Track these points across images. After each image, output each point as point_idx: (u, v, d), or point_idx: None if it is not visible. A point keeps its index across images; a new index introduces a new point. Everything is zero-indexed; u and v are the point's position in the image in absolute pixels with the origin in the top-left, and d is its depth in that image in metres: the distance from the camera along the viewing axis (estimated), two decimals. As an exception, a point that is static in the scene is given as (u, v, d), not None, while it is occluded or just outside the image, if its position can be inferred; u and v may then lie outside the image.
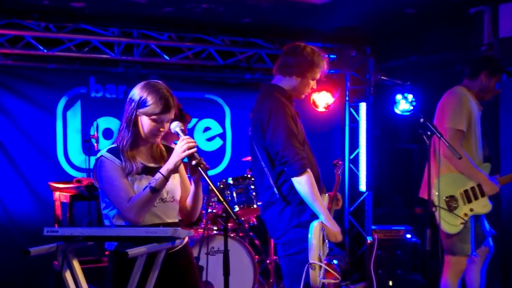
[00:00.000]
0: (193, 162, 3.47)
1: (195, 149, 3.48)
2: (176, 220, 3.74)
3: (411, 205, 8.65)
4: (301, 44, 4.62)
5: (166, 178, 3.50)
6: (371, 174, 9.42)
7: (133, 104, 3.64)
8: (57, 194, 7.32)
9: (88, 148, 7.80)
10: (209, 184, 3.38)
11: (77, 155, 8.29)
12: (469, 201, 5.60)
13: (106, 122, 8.37)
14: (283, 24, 8.20)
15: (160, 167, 3.60)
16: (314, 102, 9.32)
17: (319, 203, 4.29)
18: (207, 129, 9.00)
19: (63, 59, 8.03)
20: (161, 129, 3.61)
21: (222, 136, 9.10)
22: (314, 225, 4.30)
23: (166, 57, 8.29)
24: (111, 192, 3.56)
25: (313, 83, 4.62)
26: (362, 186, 9.46)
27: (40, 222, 7.72)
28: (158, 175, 3.50)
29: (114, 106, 8.41)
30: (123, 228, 3.35)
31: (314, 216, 4.34)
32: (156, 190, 3.48)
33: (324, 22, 8.08)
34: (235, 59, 8.69)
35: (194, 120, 8.82)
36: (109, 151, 3.64)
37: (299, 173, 4.26)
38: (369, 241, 8.06)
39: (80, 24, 7.68)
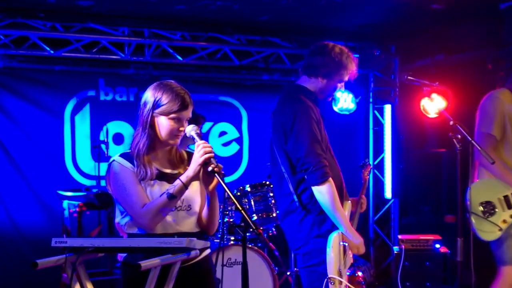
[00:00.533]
0: (209, 168, 3.44)
1: (212, 154, 3.47)
2: (194, 231, 3.69)
3: (440, 213, 8.60)
4: (329, 44, 4.60)
5: (186, 186, 3.49)
6: (397, 181, 9.38)
7: (148, 106, 3.64)
8: (65, 203, 7.33)
9: (98, 154, 7.83)
10: (226, 192, 3.35)
11: (87, 162, 8.31)
12: (510, 207, 5.57)
13: (116, 126, 8.39)
14: (303, 21, 8.18)
15: (177, 173, 3.59)
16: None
17: (340, 214, 4.27)
18: (222, 133, 8.99)
19: (70, 61, 8.06)
20: (181, 129, 3.59)
21: (239, 140, 9.09)
22: (333, 237, 4.28)
23: (179, 57, 8.30)
24: (124, 197, 3.57)
25: (340, 86, 4.61)
26: (388, 193, 9.41)
27: (48, 233, 7.75)
28: (176, 182, 3.49)
29: (124, 109, 8.43)
30: (135, 239, 3.34)
31: (335, 226, 4.32)
32: (173, 197, 3.47)
33: (346, 19, 8.05)
34: (252, 59, 8.69)
35: (209, 124, 8.82)
36: (121, 155, 3.64)
37: (320, 181, 4.24)
38: (395, 252, 8.02)
39: (88, 23, 7.70)
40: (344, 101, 9.29)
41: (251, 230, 3.31)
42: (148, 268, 3.14)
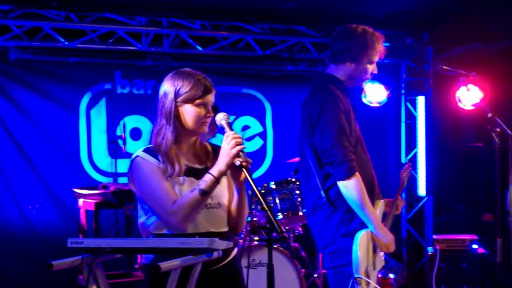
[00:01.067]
0: (237, 162, 3.42)
1: (243, 146, 3.44)
2: (224, 230, 3.64)
3: (477, 212, 8.54)
4: (351, 26, 4.58)
5: (218, 180, 3.46)
6: (431, 177, 9.33)
7: (169, 96, 3.62)
8: (81, 201, 7.38)
9: (115, 150, 7.86)
10: (253, 189, 3.33)
11: (103, 158, 8.36)
12: None
13: (134, 121, 8.42)
14: (330, 8, 8.16)
15: (204, 168, 3.57)
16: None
17: (368, 210, 4.25)
18: (245, 127, 9.00)
19: (85, 52, 8.10)
20: (208, 114, 3.57)
21: (263, 135, 9.09)
22: (360, 236, 4.27)
23: (199, 48, 8.31)
24: (151, 195, 3.53)
25: (371, 67, 4.56)
26: (421, 191, 9.37)
27: (63, 233, 7.80)
28: (207, 177, 3.44)
29: (142, 103, 8.46)
30: (154, 239, 3.35)
31: (365, 225, 4.30)
32: (206, 193, 3.42)
33: (375, 5, 8.02)
34: (276, 49, 8.68)
35: (231, 118, 8.82)
36: (145, 150, 3.61)
37: (346, 176, 4.23)
38: (430, 253, 7.98)
39: (104, 13, 7.73)
40: (374, 93, 9.23)
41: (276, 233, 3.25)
42: (169, 270, 3.15)
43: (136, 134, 8.43)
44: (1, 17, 7.35)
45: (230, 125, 3.51)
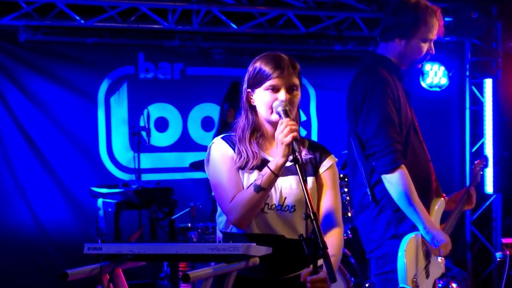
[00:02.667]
0: (290, 157, 3.42)
1: (297, 134, 3.41)
2: (297, 236, 3.39)
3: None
4: (404, 0, 4.56)
5: (275, 174, 3.45)
6: (500, 172, 9.26)
7: (244, 84, 3.63)
8: (100, 201, 7.43)
9: (138, 143, 7.90)
10: (303, 189, 3.30)
11: (124, 152, 8.41)
12: None
13: (159, 109, 8.46)
14: (383, -22, 8.12)
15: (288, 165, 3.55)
16: (423, 78, 9.20)
17: (417, 207, 4.23)
18: (286, 116, 8.98)
19: (105, 32, 8.14)
20: (281, 97, 3.51)
21: (306, 125, 9.08)
22: (408, 240, 4.27)
23: (234, 26, 8.31)
24: (215, 188, 3.60)
25: (427, 46, 4.53)
26: (489, 188, 9.29)
27: (80, 237, 7.85)
28: (264, 170, 3.45)
29: (169, 89, 8.50)
30: (183, 244, 3.36)
31: (417, 227, 4.29)
32: (261, 189, 3.43)
33: (436, -25, 7.95)
34: (322, 26, 8.66)
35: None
36: (224, 138, 3.64)
37: (389, 169, 4.21)
38: (498, 259, 7.93)
39: (126, -14, 7.79)
40: (435, 75, 9.19)
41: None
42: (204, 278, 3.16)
43: (161, 124, 8.46)
44: (9, -7, 7.43)
45: (286, 112, 3.47)
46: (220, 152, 3.59)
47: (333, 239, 3.59)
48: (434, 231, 4.29)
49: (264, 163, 3.52)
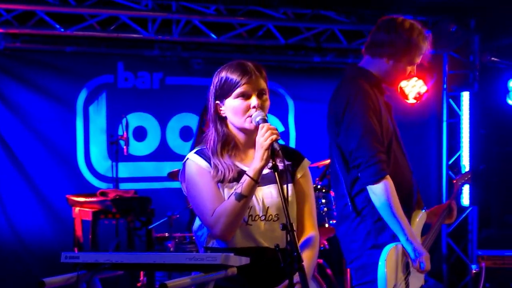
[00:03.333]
0: (269, 164, 3.40)
1: (278, 136, 3.40)
2: (284, 246, 3.35)
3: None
4: (398, 18, 4.57)
5: (254, 180, 3.43)
6: (476, 185, 9.28)
7: (210, 97, 3.61)
8: (77, 210, 7.40)
9: (116, 152, 7.87)
10: (281, 199, 3.30)
11: (102, 161, 8.39)
12: None
13: (137, 119, 8.45)
14: (362, -9, 8.15)
15: (265, 173, 3.54)
16: (402, 91, 9.22)
17: (400, 219, 4.24)
18: (265, 127, 8.98)
19: (84, 40, 8.13)
20: (253, 104, 3.49)
21: (284, 135, 9.09)
22: (389, 250, 4.26)
23: (214, 36, 8.32)
24: (195, 203, 3.56)
25: (410, 69, 4.57)
26: (465, 200, 9.34)
27: (57, 245, 7.83)
28: (244, 178, 3.43)
29: (148, 98, 8.49)
30: (161, 254, 3.35)
31: (397, 237, 4.30)
32: (242, 197, 3.40)
33: (415, -12, 8.01)
34: (301, 37, 8.68)
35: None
36: (197, 153, 3.61)
37: (374, 180, 4.21)
38: (474, 271, 7.95)
39: (106, -5, 7.78)
40: (412, 88, 9.22)
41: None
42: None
43: (140, 133, 8.45)
44: (-11, 0, 7.40)
45: (265, 121, 3.45)
46: (196, 167, 3.56)
47: (309, 242, 3.64)
48: (415, 244, 4.30)
49: (241, 174, 3.50)
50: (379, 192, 4.21)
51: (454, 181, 5.35)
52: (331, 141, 4.51)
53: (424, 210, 4.64)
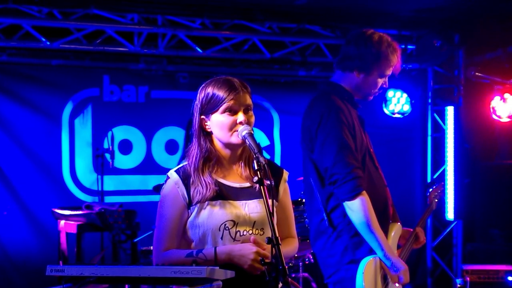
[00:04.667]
0: (255, 179, 3.39)
1: (262, 267, 3.40)
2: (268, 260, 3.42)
3: (513, 239, 8.53)
4: (367, 31, 4.59)
5: (216, 263, 3.42)
6: (461, 199, 9.31)
7: (195, 113, 3.61)
8: (62, 223, 7.38)
9: (102, 165, 7.87)
10: (267, 213, 3.30)
11: (88, 174, 8.37)
12: None
13: (123, 132, 8.45)
14: (347, 5, 8.17)
15: (247, 187, 3.58)
16: (386, 105, 9.24)
17: (377, 234, 4.26)
18: (250, 140, 8.98)
19: (70, 54, 8.13)
20: (239, 120, 3.50)
21: (270, 149, 9.10)
22: (366, 263, 4.28)
23: (199, 50, 8.33)
24: (156, 226, 3.59)
25: (382, 81, 4.59)
26: (450, 214, 9.35)
27: (42, 259, 7.82)
28: (210, 253, 3.45)
29: (133, 112, 8.49)
30: (146, 267, 3.35)
31: (374, 251, 4.31)
32: (194, 262, 3.43)
33: (400, 2, 8.03)
34: (286, 52, 8.70)
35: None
36: (178, 171, 3.60)
37: (350, 196, 4.23)
38: (458, 285, 7.97)
39: (92, 9, 7.76)
40: (397, 102, 9.25)
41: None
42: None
43: (125, 147, 8.44)
44: (-26, 13, 7.39)
45: (251, 135, 3.43)
46: (170, 193, 3.56)
47: (288, 241, 3.74)
48: (393, 258, 4.31)
49: (222, 189, 3.53)
50: (356, 208, 4.23)
51: (428, 195, 5.32)
52: (305, 156, 4.52)
53: (399, 223, 4.66)
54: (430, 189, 5.33)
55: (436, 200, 5.33)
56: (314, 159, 4.40)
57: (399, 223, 4.66)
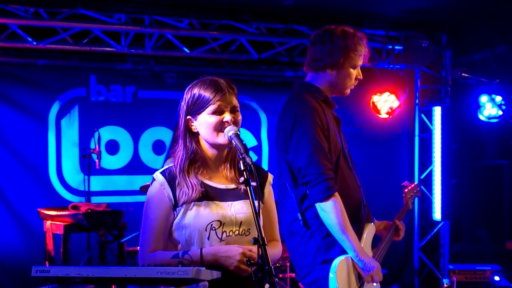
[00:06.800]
0: (241, 179, 3.39)
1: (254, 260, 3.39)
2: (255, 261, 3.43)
3: (500, 239, 8.54)
4: (329, 28, 4.61)
5: (201, 263, 3.42)
6: (448, 199, 9.33)
7: (181, 113, 3.61)
8: (48, 223, 7.36)
9: (88, 165, 7.84)
10: (253, 214, 3.30)
11: (74, 175, 8.35)
12: None
13: (110, 132, 8.43)
14: (335, 6, 8.18)
15: (233, 188, 3.59)
16: (374, 107, 9.25)
17: (349, 235, 4.27)
18: (237, 141, 8.98)
19: (57, 54, 8.11)
20: (225, 119, 3.51)
21: (257, 149, 9.09)
22: (338, 263, 4.30)
23: (186, 50, 8.33)
24: (142, 228, 3.58)
25: (355, 72, 4.59)
26: (437, 214, 9.37)
27: (27, 259, 7.79)
28: (196, 254, 3.46)
29: (120, 112, 8.47)
30: (132, 268, 3.35)
31: (346, 252, 4.32)
32: (179, 263, 3.42)
33: (387, 3, 8.05)
34: (274, 52, 8.71)
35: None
36: (163, 173, 3.60)
37: (323, 197, 4.25)
38: (445, 285, 7.99)
39: (79, 9, 7.74)
40: (384, 103, 9.26)
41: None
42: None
43: (112, 147, 8.42)
44: (-40, 13, 7.37)
45: (238, 136, 3.45)
46: (156, 195, 3.56)
47: (273, 246, 3.72)
48: (366, 259, 4.33)
49: (208, 190, 3.54)
50: (328, 209, 4.25)
51: (404, 195, 5.33)
52: (279, 157, 4.53)
53: (373, 223, 4.67)
54: (406, 190, 5.33)
55: (411, 200, 5.34)
56: (288, 160, 4.42)
57: (372, 223, 4.67)
